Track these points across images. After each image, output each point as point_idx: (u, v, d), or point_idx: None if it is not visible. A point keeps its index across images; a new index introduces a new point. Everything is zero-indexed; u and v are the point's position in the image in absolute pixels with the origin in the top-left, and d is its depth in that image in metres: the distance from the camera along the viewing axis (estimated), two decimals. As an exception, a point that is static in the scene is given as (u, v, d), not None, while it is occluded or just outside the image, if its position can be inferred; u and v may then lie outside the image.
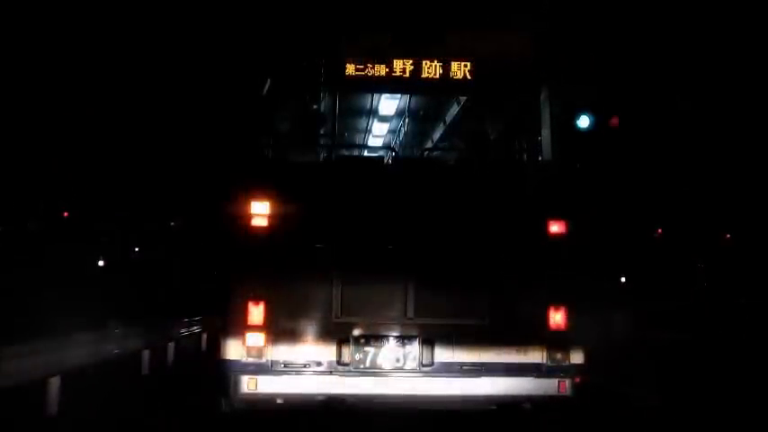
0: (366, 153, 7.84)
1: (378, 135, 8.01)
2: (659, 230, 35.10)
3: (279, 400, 5.17)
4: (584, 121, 12.78)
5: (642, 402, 8.76)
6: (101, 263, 42.01)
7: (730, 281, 30.13)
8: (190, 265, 37.95)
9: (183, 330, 12.32)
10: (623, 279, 38.56)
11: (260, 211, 5.19)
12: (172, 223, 43.25)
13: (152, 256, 41.70)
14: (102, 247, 41.63)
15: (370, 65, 5.66)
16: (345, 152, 7.42)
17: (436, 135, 7.35)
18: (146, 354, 9.50)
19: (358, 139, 7.83)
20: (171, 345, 11.01)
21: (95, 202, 39.75)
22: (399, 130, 7.70)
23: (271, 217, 5.18)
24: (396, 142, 7.84)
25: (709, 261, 33.13)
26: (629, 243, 35.72)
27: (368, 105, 7.20)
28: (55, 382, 6.36)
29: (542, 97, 5.84)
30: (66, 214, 38.13)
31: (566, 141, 5.84)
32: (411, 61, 5.67)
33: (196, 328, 13.45)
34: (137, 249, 44.06)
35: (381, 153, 7.86)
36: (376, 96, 7.13)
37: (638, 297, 31.53)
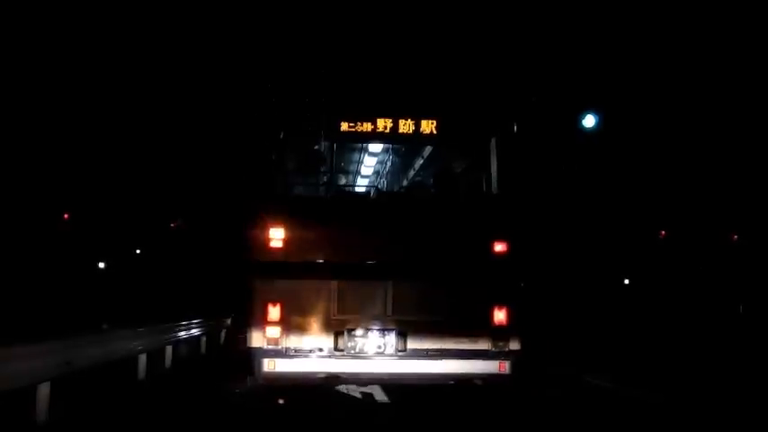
0: (357, 187, 9.56)
1: (365, 174, 9.75)
2: (662, 232, 34.46)
3: (291, 376, 6.93)
4: (589, 121, 12.39)
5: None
6: (101, 264, 41.66)
7: (733, 283, 29.35)
8: (191, 267, 38.62)
9: (182, 333, 12.04)
10: (627, 281, 38.09)
11: (276, 236, 6.93)
12: (172, 224, 43.86)
13: (154, 257, 41.61)
14: (103, 248, 41.09)
15: (359, 122, 7.40)
16: (341, 185, 9.19)
17: (411, 173, 9.09)
18: (142, 358, 9.29)
19: (350, 177, 9.56)
20: (169, 348, 10.84)
21: (96, 204, 39.50)
22: (383, 169, 9.44)
23: (284, 240, 6.92)
24: (380, 179, 9.57)
25: (714, 263, 32.04)
26: (631, 245, 35.33)
27: (358, 150, 8.93)
28: (44, 389, 6.10)
29: (491, 144, 7.57)
30: (66, 216, 37.63)
31: (510, 178, 7.56)
32: (390, 120, 7.40)
33: (196, 331, 13.29)
34: (138, 251, 43.97)
35: (368, 188, 9.57)
36: (364, 144, 8.88)
37: (639, 298, 31.80)
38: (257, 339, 6.82)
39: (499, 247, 7.14)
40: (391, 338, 6.91)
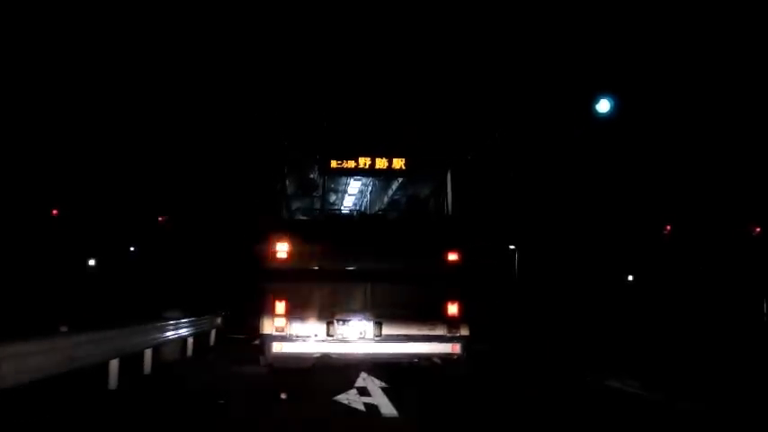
0: (343, 210, 11.79)
1: (350, 199, 11.94)
2: (668, 227, 32.92)
3: (293, 356, 9.08)
4: (603, 106, 11.54)
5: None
6: (91, 262, 40.05)
7: (757, 280, 27.80)
8: (183, 264, 38.18)
9: (167, 333, 10.88)
10: (630, 277, 37.32)
11: (281, 249, 9.10)
12: (159, 218, 40.99)
13: (145, 254, 40.39)
14: (95, 245, 39.62)
15: (345, 161, 9.63)
16: (331, 209, 11.40)
17: (386, 199, 11.31)
18: (114, 364, 8.11)
19: (338, 201, 11.76)
20: (148, 352, 9.65)
21: (88, 199, 38.05)
22: (364, 195, 11.67)
23: (288, 252, 9.09)
24: (361, 203, 11.80)
25: (733, 257, 30.99)
26: (635, 242, 34.52)
27: (345, 181, 11.13)
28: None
29: (447, 176, 9.81)
30: (55, 212, 35.55)
31: (462, 202, 9.78)
32: (369, 159, 9.63)
33: (185, 331, 12.17)
34: (132, 249, 42.49)
35: (352, 211, 11.79)
36: (349, 177, 11.10)
37: (645, 296, 30.96)
38: (268, 327, 8.96)
39: (452, 257, 9.36)
40: (370, 326, 9.06)
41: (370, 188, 11.31)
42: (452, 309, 9.24)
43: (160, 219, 40.05)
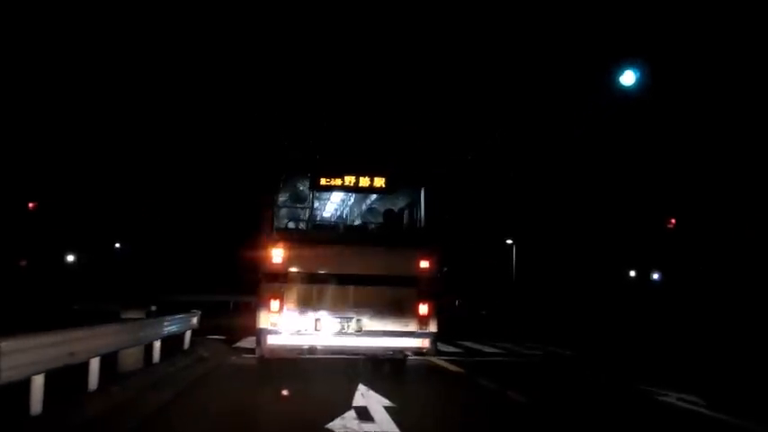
0: (330, 221, 13.22)
1: (336, 212, 13.40)
2: (673, 221, 30.86)
3: (285, 347, 10.49)
4: (628, 78, 10.96)
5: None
6: (70, 258, 39.39)
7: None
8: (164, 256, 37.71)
9: (123, 338, 9.13)
10: (633, 273, 36.33)
11: (276, 255, 10.50)
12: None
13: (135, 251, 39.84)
14: (75, 241, 38.85)
15: (333, 178, 11.07)
16: (319, 221, 12.81)
17: (367, 211, 12.79)
18: (38, 381, 6.26)
19: (325, 213, 13.18)
20: (95, 362, 7.84)
21: (68, 193, 37.14)
22: (348, 209, 13.13)
23: (282, 257, 10.49)
24: (346, 215, 13.27)
25: (747, 254, 29.53)
26: (639, 237, 33.38)
27: (332, 196, 12.51)
28: None
29: (422, 193, 11.32)
30: (32, 206, 34.13)
31: (433, 216, 11.30)
32: (354, 177, 11.08)
33: (149, 333, 10.43)
34: (117, 245, 41.80)
35: (338, 222, 13.24)
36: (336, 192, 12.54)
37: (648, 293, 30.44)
38: (264, 322, 10.34)
39: (424, 263, 10.86)
40: (352, 323, 10.47)
41: (354, 202, 12.77)
42: (423, 308, 10.71)
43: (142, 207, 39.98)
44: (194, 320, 13.98)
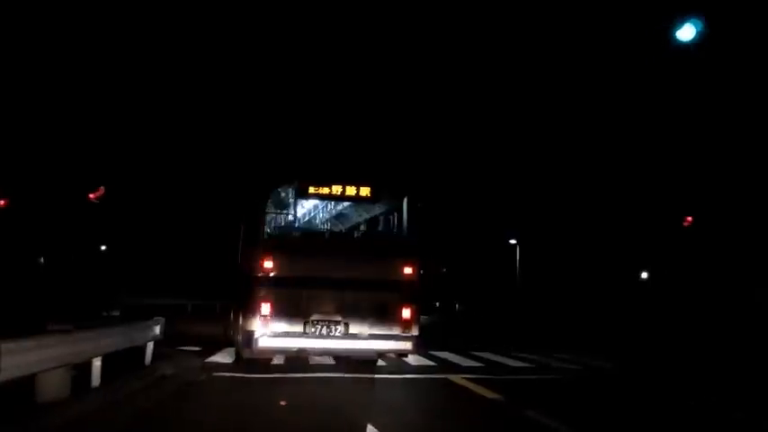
0: (318, 229, 13.69)
1: (323, 220, 13.88)
2: (689, 219, 28.52)
3: (275, 349, 10.88)
4: (686, 32, 9.39)
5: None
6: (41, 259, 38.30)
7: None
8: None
9: (42, 356, 6.51)
10: (645, 275, 34.92)
11: (268, 261, 10.91)
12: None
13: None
14: (51, 241, 37.75)
15: (320, 187, 11.55)
16: (307, 228, 13.23)
17: (353, 219, 13.32)
18: None
19: (313, 221, 13.64)
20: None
21: (44, 190, 35.90)
22: (334, 216, 13.61)
23: (274, 263, 10.89)
24: (332, 223, 13.77)
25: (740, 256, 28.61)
26: (652, 236, 31.99)
27: (319, 204, 12.97)
28: None
29: (404, 202, 11.88)
30: (3, 203, 30.79)
31: (415, 225, 11.86)
32: (341, 186, 11.58)
33: (85, 348, 7.76)
34: (103, 248, 40.66)
35: (324, 230, 13.72)
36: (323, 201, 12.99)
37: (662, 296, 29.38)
38: (255, 325, 10.72)
39: (407, 270, 11.40)
40: (339, 326, 10.92)
41: (339, 210, 13.27)
42: (406, 313, 11.23)
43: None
44: (156, 330, 11.20)
